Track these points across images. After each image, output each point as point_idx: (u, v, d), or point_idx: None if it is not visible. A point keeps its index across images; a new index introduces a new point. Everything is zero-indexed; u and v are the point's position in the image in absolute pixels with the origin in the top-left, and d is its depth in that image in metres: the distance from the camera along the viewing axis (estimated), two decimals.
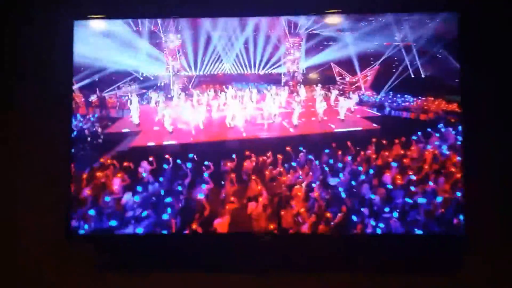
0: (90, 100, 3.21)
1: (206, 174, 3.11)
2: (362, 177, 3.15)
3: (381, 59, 3.20)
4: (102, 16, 3.15)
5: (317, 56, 3.24)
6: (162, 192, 3.10)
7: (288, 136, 3.25)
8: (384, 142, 3.18)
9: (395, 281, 3.06)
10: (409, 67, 3.19)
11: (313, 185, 3.13)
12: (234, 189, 3.13)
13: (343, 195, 3.11)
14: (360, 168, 3.16)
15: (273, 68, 3.29)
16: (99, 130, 3.19)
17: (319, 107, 3.31)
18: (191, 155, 3.14)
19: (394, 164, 3.15)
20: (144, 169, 3.12)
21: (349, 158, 3.18)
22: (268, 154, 3.16)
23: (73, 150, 3.08)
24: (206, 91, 3.30)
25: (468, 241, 2.97)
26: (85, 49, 3.15)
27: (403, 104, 3.27)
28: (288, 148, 3.14)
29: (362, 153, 3.19)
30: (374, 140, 3.19)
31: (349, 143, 3.18)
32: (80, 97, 3.17)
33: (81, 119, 3.17)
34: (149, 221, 3.05)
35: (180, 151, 3.18)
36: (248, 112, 3.32)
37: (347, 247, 3.13)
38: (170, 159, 3.13)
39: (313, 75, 3.26)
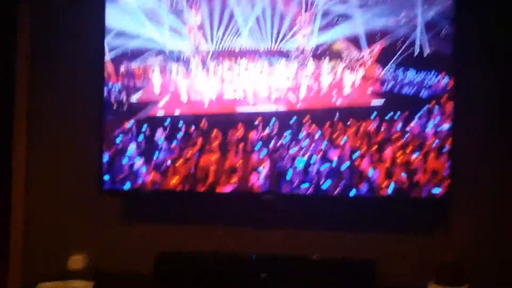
0: (119, 71, 3.47)
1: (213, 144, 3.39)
2: (362, 151, 3.32)
3: (387, 36, 3.29)
4: None
5: (327, 32, 3.36)
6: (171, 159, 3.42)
7: (294, 109, 3.41)
8: (386, 117, 3.30)
9: (383, 240, 3.27)
10: (415, 44, 3.25)
11: (313, 157, 3.33)
12: (239, 159, 3.36)
13: (343, 168, 3.29)
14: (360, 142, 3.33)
15: (285, 43, 3.40)
16: (124, 98, 3.47)
17: (325, 81, 3.41)
18: (200, 125, 3.42)
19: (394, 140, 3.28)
20: (159, 136, 3.43)
21: (350, 132, 3.33)
22: (273, 126, 3.37)
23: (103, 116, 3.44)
24: (221, 64, 3.47)
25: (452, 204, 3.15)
26: (115, 24, 3.45)
27: (406, 79, 3.32)
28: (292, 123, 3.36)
29: (364, 127, 3.33)
30: (376, 115, 3.31)
31: (351, 118, 3.34)
32: (111, 67, 3.45)
33: (110, 88, 3.47)
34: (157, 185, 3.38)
35: (193, 120, 3.44)
36: (258, 84, 3.46)
37: (339, 208, 3.34)
38: (183, 127, 3.42)
39: (322, 50, 3.38)
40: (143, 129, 3.44)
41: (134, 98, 3.49)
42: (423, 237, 3.18)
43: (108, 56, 3.45)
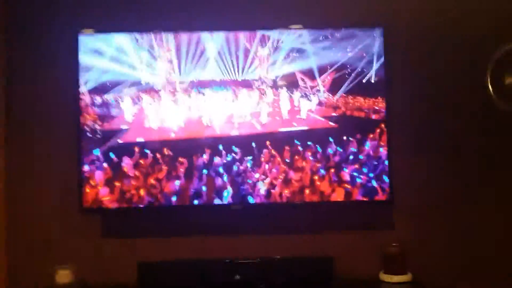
0: (95, 101, 3.64)
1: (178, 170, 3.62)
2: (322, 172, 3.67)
3: (337, 66, 3.71)
4: (105, 30, 3.67)
5: (284, 65, 3.74)
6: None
7: (256, 134, 3.70)
8: (341, 140, 3.70)
9: (340, 239, 3.67)
10: (362, 74, 3.70)
11: (275, 181, 3.66)
12: (203, 184, 3.62)
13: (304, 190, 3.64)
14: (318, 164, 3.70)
15: (247, 74, 3.72)
16: (98, 126, 3.64)
17: (284, 108, 3.74)
18: (167, 151, 3.65)
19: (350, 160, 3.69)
20: (127, 163, 3.62)
21: (309, 155, 3.69)
22: (236, 151, 3.67)
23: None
24: (189, 93, 3.72)
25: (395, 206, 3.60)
26: (89, 59, 3.65)
27: (356, 105, 3.72)
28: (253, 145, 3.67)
29: (321, 150, 3.70)
30: (332, 139, 3.70)
31: (309, 141, 3.70)
32: (88, 98, 3.63)
33: (86, 117, 3.63)
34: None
35: (160, 147, 3.66)
36: (223, 112, 3.73)
37: (301, 214, 3.72)
38: (149, 154, 3.62)
39: (280, 81, 3.73)
40: (112, 155, 3.64)
41: (106, 126, 3.67)
42: (373, 233, 3.63)
43: (84, 88, 3.63)
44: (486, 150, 3.59)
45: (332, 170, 3.66)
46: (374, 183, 3.61)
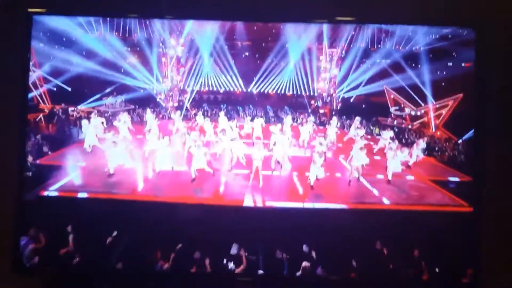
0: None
1: None
2: None
3: (461, 85, 1.95)
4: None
5: (363, 74, 2.22)
6: None
7: (294, 210, 2.02)
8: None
9: None
10: None
11: None
12: None
13: None
14: None
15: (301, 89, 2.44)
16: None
17: (359, 157, 1.96)
18: None
19: None
20: None
21: None
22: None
23: None
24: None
25: None
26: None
27: None
28: None
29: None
30: None
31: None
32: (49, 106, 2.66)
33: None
34: None
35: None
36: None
37: None
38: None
39: (353, 102, 2.24)
40: None
41: None
42: None
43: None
44: None
45: None
46: None
